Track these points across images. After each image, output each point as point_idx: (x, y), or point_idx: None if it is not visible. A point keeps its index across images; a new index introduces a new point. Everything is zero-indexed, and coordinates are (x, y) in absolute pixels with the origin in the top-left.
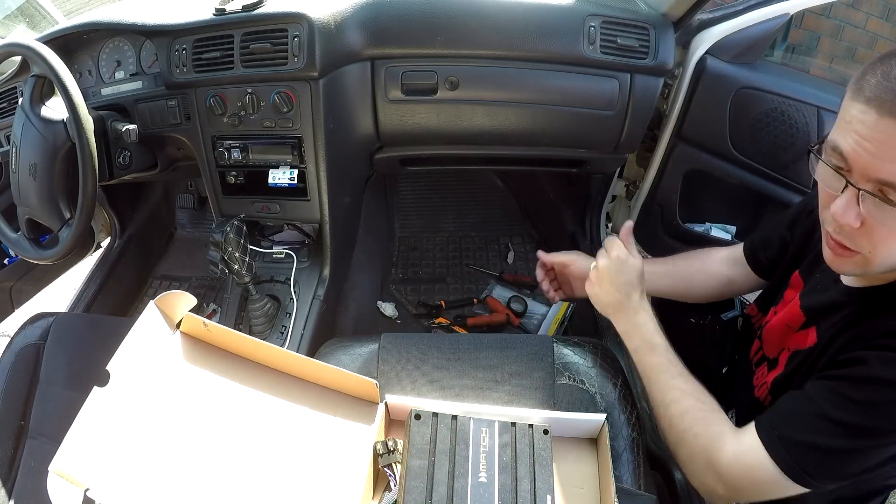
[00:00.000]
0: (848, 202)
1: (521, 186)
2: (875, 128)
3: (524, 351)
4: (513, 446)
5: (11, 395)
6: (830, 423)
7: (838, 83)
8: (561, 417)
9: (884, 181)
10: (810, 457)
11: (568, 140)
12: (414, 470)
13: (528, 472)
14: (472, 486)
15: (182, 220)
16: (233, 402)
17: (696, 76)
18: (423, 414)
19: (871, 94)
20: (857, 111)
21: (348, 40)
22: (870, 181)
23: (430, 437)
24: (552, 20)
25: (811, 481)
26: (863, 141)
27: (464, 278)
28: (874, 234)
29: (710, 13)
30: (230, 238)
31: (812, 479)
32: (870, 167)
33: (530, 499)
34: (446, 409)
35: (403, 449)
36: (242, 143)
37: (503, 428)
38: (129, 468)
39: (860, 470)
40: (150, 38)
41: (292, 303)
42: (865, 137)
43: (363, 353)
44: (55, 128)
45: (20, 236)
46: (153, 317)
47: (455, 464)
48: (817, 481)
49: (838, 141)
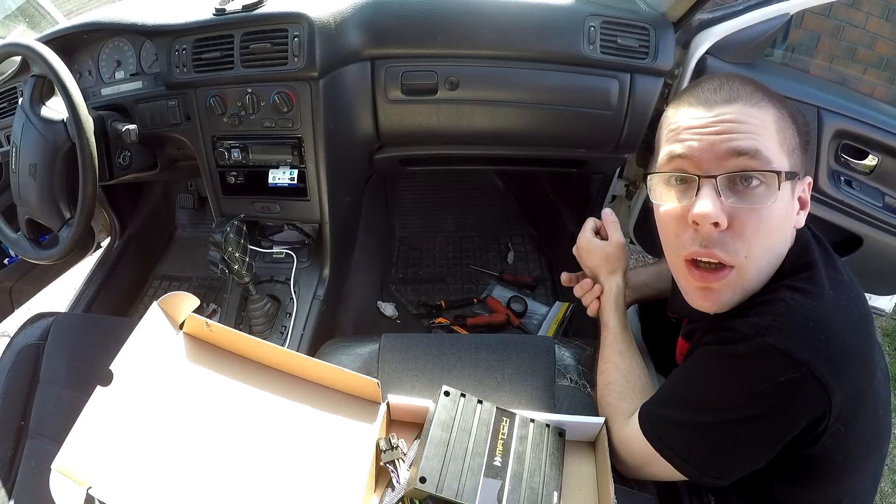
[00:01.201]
0: (709, 196)
1: (521, 186)
2: (709, 117)
3: (525, 352)
4: (530, 440)
5: (11, 395)
6: (676, 397)
7: (838, 83)
8: (561, 420)
9: (738, 149)
10: (664, 427)
11: (568, 140)
12: (435, 439)
13: (541, 466)
14: (486, 466)
15: (182, 220)
16: (235, 402)
17: (696, 76)
18: (451, 392)
19: (692, 101)
20: (687, 115)
21: (348, 40)
22: (722, 164)
23: (455, 413)
24: (552, 20)
25: (674, 457)
26: (703, 130)
27: (464, 278)
28: (745, 229)
29: (710, 13)
30: (230, 238)
31: (675, 453)
32: (717, 146)
33: (539, 491)
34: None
35: (426, 420)
36: (242, 143)
37: (522, 422)
38: (132, 467)
39: (707, 449)
40: (150, 38)
41: (292, 303)
42: (705, 126)
43: (363, 353)
44: (55, 128)
45: (20, 236)
46: (156, 317)
47: (473, 443)
48: (679, 456)
49: (678, 148)
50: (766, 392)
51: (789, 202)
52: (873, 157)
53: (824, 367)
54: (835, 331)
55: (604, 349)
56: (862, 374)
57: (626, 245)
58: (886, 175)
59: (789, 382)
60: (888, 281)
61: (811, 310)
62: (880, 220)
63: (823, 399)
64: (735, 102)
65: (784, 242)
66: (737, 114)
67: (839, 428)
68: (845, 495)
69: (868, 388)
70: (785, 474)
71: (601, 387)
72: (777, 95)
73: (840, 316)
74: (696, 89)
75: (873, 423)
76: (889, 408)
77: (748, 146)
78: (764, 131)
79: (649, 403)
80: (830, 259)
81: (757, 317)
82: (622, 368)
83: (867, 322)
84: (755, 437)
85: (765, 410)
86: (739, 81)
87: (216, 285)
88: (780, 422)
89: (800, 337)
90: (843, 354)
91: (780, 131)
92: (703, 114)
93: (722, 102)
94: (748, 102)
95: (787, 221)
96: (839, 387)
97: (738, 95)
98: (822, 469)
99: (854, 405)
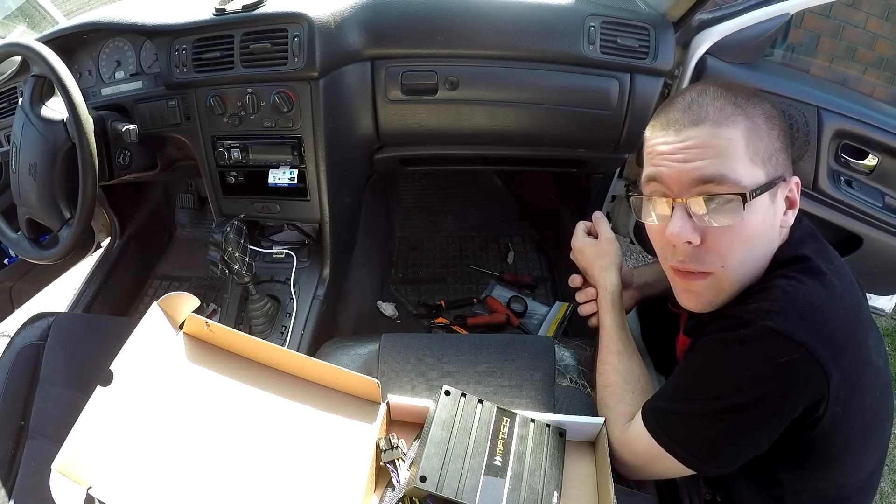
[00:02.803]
0: (681, 218)
1: (521, 186)
2: (676, 143)
3: (525, 352)
4: (530, 440)
5: (11, 395)
6: (679, 390)
7: (838, 83)
8: (561, 420)
9: (703, 178)
10: (669, 421)
11: (568, 140)
12: (435, 438)
13: (541, 466)
14: (486, 465)
15: (182, 220)
16: (235, 402)
17: (696, 76)
18: (452, 391)
19: (664, 123)
20: (659, 140)
21: (348, 40)
22: (690, 190)
23: (455, 412)
24: (552, 20)
25: (680, 450)
26: (671, 157)
27: (464, 278)
28: (719, 244)
29: (710, 13)
30: (230, 238)
31: (680, 447)
32: (684, 175)
33: (539, 491)
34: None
35: (427, 420)
36: (242, 143)
37: (523, 422)
38: (132, 467)
39: (713, 438)
40: (150, 38)
41: (292, 303)
42: (673, 153)
43: (363, 353)
44: (55, 128)
45: (20, 236)
46: (156, 317)
47: (474, 442)
48: (685, 449)
49: (652, 172)
50: (767, 374)
51: (768, 209)
52: (873, 157)
53: (823, 348)
54: (829, 313)
55: (602, 350)
56: (857, 357)
57: (616, 241)
58: (886, 175)
59: (790, 363)
60: (888, 281)
61: (806, 294)
62: (880, 220)
63: (822, 380)
64: (701, 124)
65: (766, 246)
66: (703, 137)
67: (837, 410)
68: (848, 477)
69: (863, 371)
70: (787, 458)
71: (600, 389)
72: (753, 98)
73: (834, 300)
74: (668, 109)
75: (871, 405)
76: (890, 390)
77: (712, 173)
78: (731, 152)
79: (652, 400)
80: (823, 251)
81: (756, 303)
82: (621, 370)
83: (861, 307)
84: (758, 421)
85: (767, 393)
86: (710, 96)
87: (216, 285)
88: (781, 403)
89: (798, 319)
90: (839, 336)
91: (752, 144)
92: (672, 139)
93: (689, 125)
94: (715, 123)
95: (766, 227)
96: (836, 368)
97: (706, 115)
98: (822, 451)
99: (850, 387)
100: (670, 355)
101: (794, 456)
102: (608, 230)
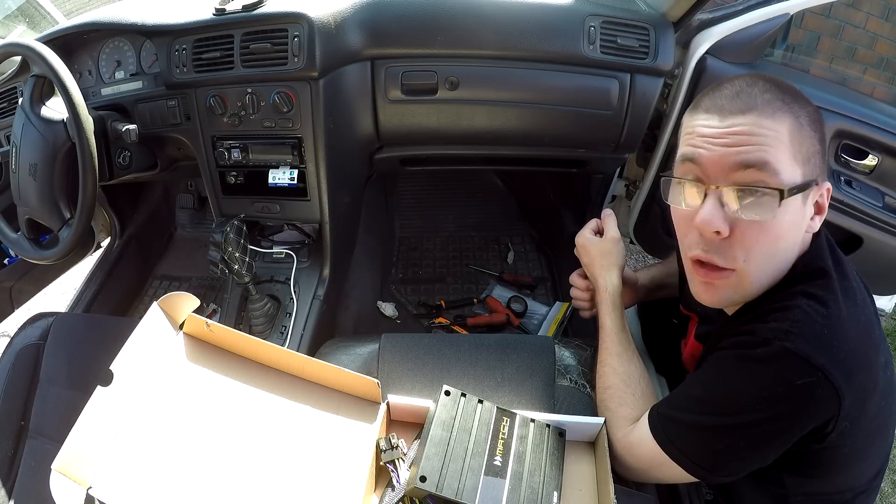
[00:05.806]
0: (713, 206)
1: (521, 186)
2: (721, 128)
3: (525, 352)
4: (530, 440)
5: (11, 395)
6: (690, 400)
7: (838, 83)
8: (561, 420)
9: (745, 162)
10: (677, 430)
11: (568, 140)
12: (435, 438)
13: (541, 466)
14: (486, 465)
15: (182, 220)
16: (235, 402)
17: (696, 76)
18: (452, 391)
19: (708, 107)
20: (701, 122)
21: (348, 40)
22: (728, 176)
23: (455, 413)
24: (552, 20)
25: (685, 460)
26: (714, 140)
27: (464, 278)
28: (745, 237)
29: (710, 13)
30: (230, 238)
31: (686, 456)
32: (725, 158)
33: (539, 491)
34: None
35: (427, 419)
36: (242, 143)
37: (523, 422)
38: (132, 467)
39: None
40: (150, 38)
41: (292, 303)
42: (716, 136)
43: (363, 353)
44: (55, 128)
45: (20, 236)
46: (156, 318)
47: (474, 442)
48: (691, 459)
49: (690, 152)
50: (782, 394)
51: (798, 211)
52: (873, 157)
53: (838, 371)
54: (845, 337)
55: (602, 352)
56: (868, 378)
57: (621, 241)
58: (886, 175)
59: (806, 386)
60: (888, 281)
61: (826, 317)
62: (880, 220)
63: (834, 402)
64: (750, 113)
65: (790, 249)
66: (750, 125)
67: (846, 425)
68: (850, 482)
69: (873, 390)
70: (792, 466)
71: (600, 390)
72: (800, 99)
73: (850, 323)
74: (714, 93)
75: (876, 414)
76: (893, 394)
77: (756, 158)
78: (776, 143)
79: (661, 406)
80: (840, 265)
81: (775, 322)
82: (621, 372)
83: (873, 325)
84: (767, 438)
85: (780, 412)
86: (760, 88)
87: (216, 285)
88: (792, 423)
89: (817, 342)
90: (853, 359)
91: (795, 141)
92: (717, 123)
93: (737, 112)
94: (763, 113)
95: (794, 229)
96: (849, 390)
97: (754, 105)
98: (827, 461)
99: (860, 405)
100: (673, 358)
101: (799, 465)
102: (615, 229)
